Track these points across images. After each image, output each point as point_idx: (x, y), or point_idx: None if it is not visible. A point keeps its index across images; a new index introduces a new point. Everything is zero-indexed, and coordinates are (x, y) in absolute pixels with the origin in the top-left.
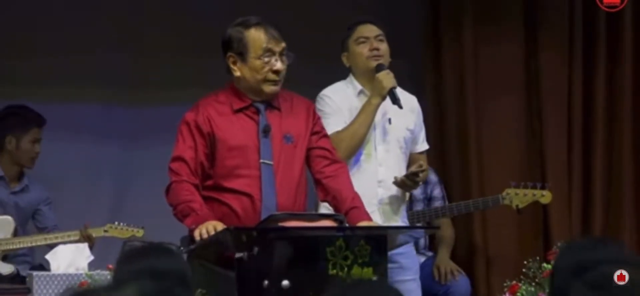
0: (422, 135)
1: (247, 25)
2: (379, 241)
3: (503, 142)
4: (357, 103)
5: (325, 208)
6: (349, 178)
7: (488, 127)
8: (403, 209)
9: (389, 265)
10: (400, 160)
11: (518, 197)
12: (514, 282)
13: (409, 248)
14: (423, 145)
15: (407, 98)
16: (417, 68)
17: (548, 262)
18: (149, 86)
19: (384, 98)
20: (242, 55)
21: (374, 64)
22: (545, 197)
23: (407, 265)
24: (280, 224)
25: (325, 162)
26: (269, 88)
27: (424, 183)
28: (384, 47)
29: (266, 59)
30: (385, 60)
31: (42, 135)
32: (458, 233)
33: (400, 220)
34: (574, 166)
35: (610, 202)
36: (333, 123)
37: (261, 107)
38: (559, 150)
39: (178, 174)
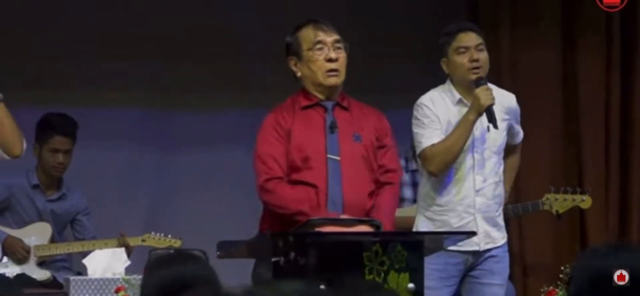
0: (518, 127)
1: (298, 27)
2: (416, 247)
3: (540, 147)
4: (455, 112)
5: (420, 215)
6: (388, 197)
7: (525, 132)
8: (500, 213)
9: (481, 267)
10: (497, 165)
11: (558, 202)
12: (551, 288)
13: (503, 253)
14: (519, 137)
15: (505, 98)
16: None
17: None
18: (187, 92)
19: (480, 115)
20: (297, 54)
21: (473, 77)
22: (585, 201)
23: (496, 269)
24: (317, 229)
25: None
26: (329, 80)
27: None
28: (483, 57)
29: (318, 50)
30: (484, 70)
31: (71, 144)
32: None
33: (500, 225)
34: (612, 171)
35: None
36: (429, 134)
37: (328, 105)
38: (596, 155)
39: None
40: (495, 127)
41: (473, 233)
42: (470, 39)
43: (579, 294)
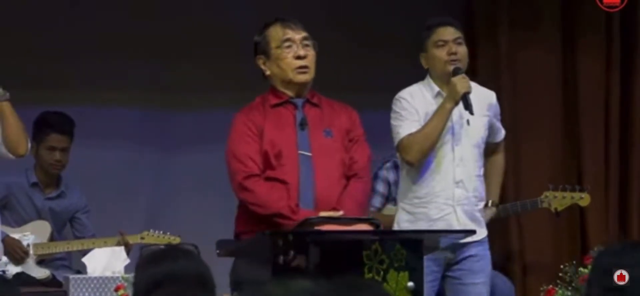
0: (499, 124)
1: (266, 25)
2: (415, 246)
3: (539, 147)
4: (434, 105)
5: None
6: (358, 187)
7: (525, 132)
8: (480, 209)
9: (460, 267)
10: (477, 159)
11: (556, 200)
12: (551, 286)
13: (483, 251)
14: (501, 134)
15: (485, 94)
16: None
17: (585, 266)
18: (186, 91)
19: (457, 103)
20: (266, 53)
21: (451, 68)
22: (583, 199)
23: (477, 268)
24: (317, 228)
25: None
26: (298, 77)
27: None
28: (462, 50)
29: (287, 48)
30: (463, 63)
31: (68, 142)
32: (494, 238)
33: (479, 219)
34: (611, 170)
35: None
36: (407, 126)
37: (298, 102)
38: (596, 154)
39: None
40: (472, 113)
41: (472, 232)
42: (448, 32)
43: (595, 292)
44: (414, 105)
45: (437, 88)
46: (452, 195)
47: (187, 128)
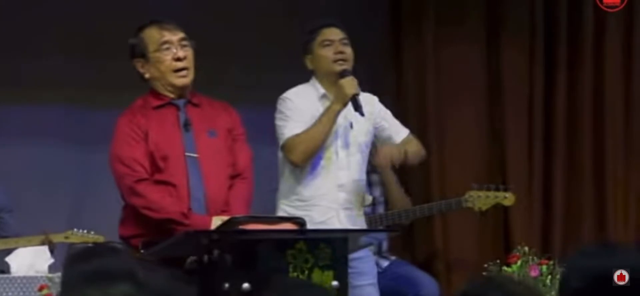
0: (396, 122)
1: (142, 28)
2: (340, 244)
3: (464, 144)
4: (320, 106)
5: (282, 211)
6: (243, 189)
7: (449, 129)
8: (362, 212)
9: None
10: (361, 163)
11: (480, 199)
12: None
13: (366, 253)
14: (404, 132)
15: (367, 100)
16: (378, 70)
17: (508, 265)
18: (107, 89)
19: (345, 105)
20: (144, 56)
21: (339, 68)
22: (508, 199)
23: (364, 269)
24: (241, 227)
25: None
26: (178, 80)
27: (383, 186)
28: (348, 51)
29: (165, 50)
30: (350, 64)
31: None
32: (418, 237)
33: (361, 223)
34: (535, 169)
35: (570, 204)
36: (292, 126)
37: (180, 103)
38: (520, 153)
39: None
40: (362, 114)
41: (397, 231)
42: (334, 33)
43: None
44: (299, 106)
45: (322, 90)
46: (336, 199)
47: (110, 126)
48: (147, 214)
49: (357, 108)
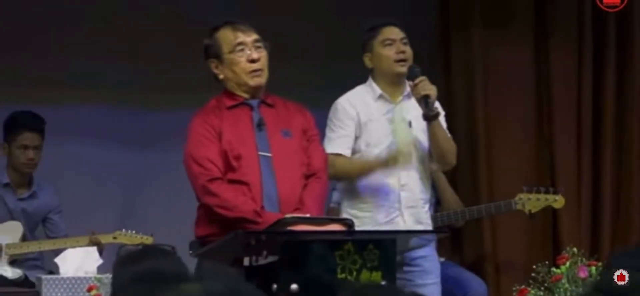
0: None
1: (216, 28)
2: (388, 246)
3: (512, 146)
4: (375, 108)
5: (345, 212)
6: (317, 188)
7: (497, 131)
8: (427, 210)
9: (411, 269)
10: (422, 161)
11: (531, 201)
12: (523, 286)
13: (431, 251)
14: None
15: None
16: (426, 72)
17: (557, 266)
18: (157, 90)
19: (386, 167)
20: (218, 57)
21: (401, 69)
22: (558, 201)
23: (429, 268)
24: (289, 228)
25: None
26: (253, 81)
27: (434, 188)
28: (408, 50)
29: (240, 52)
30: (409, 64)
31: (40, 140)
32: (467, 239)
33: (426, 220)
34: (584, 170)
35: (619, 206)
36: (335, 142)
37: (254, 103)
38: (568, 154)
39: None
40: (436, 116)
41: (446, 232)
42: (394, 32)
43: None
44: (350, 114)
45: (379, 91)
46: (398, 198)
47: (160, 127)
48: (220, 213)
49: (429, 109)
